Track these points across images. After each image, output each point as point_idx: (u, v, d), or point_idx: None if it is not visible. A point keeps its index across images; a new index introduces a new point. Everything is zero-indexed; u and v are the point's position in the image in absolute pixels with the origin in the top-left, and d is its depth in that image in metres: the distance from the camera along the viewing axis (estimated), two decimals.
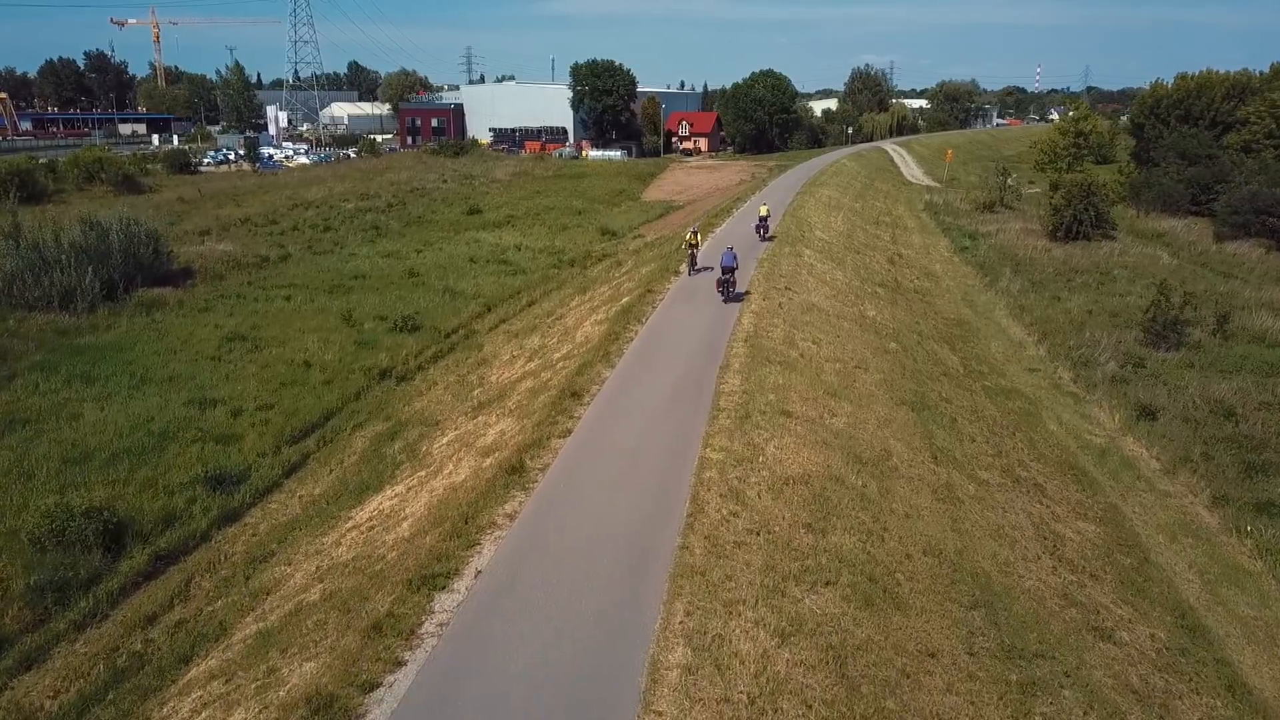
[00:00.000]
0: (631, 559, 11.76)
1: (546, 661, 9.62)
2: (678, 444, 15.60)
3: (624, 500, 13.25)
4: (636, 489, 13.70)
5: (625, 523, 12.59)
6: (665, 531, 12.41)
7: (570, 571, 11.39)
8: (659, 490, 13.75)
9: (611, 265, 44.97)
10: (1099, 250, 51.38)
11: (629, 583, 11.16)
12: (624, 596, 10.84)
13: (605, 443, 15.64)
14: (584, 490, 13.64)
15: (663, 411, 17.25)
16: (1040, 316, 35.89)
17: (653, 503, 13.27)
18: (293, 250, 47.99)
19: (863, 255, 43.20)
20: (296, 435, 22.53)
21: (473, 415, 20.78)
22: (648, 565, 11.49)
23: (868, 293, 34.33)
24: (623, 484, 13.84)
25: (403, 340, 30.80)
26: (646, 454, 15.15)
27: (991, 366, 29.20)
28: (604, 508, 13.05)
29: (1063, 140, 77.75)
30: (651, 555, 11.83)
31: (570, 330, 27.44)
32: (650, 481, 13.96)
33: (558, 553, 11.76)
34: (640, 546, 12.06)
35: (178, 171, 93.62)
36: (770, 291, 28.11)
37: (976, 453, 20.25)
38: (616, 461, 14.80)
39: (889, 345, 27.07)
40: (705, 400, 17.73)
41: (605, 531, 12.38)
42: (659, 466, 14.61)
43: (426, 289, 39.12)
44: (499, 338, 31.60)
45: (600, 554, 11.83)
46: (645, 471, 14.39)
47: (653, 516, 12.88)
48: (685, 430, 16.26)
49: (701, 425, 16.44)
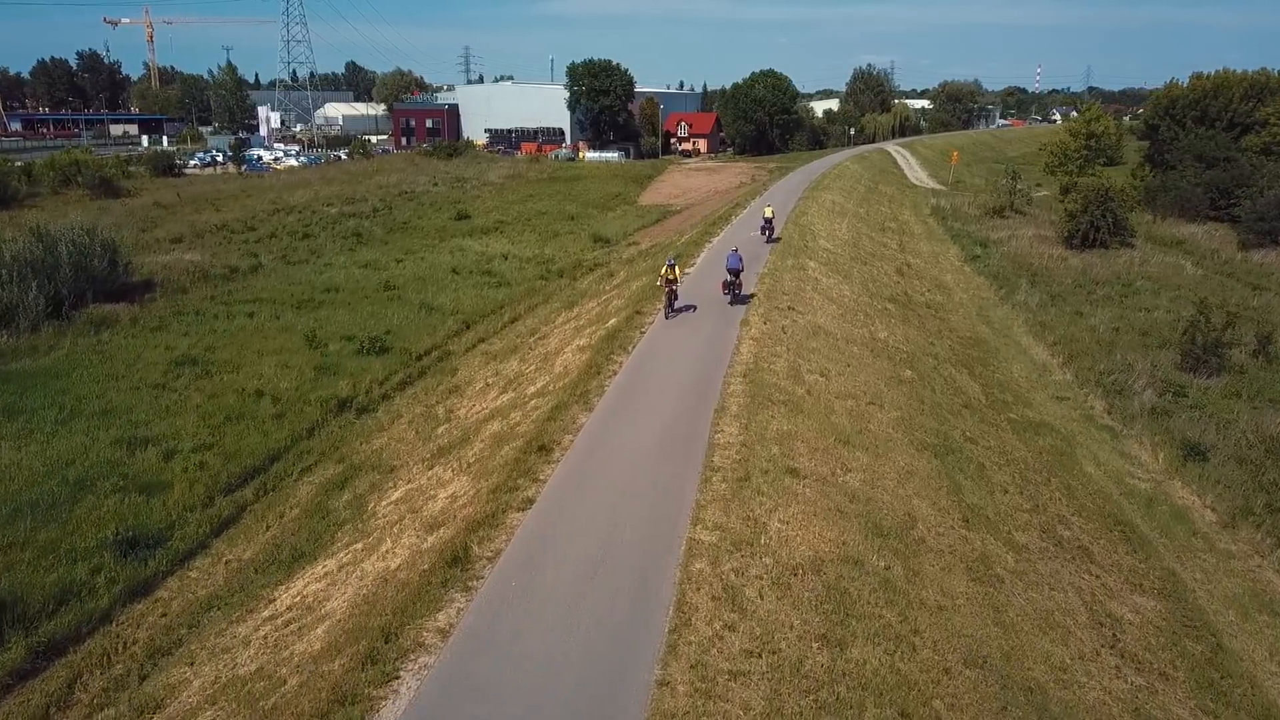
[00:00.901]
0: (594, 701, 9.05)
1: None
2: (662, 519, 12.87)
3: (590, 607, 10.53)
4: (607, 589, 10.98)
5: (589, 643, 9.87)
6: (640, 655, 9.69)
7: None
8: (636, 589, 11.03)
9: (603, 276, 42.25)
10: (1118, 259, 48.67)
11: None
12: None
13: (573, 519, 12.91)
14: (540, 592, 10.92)
15: (646, 472, 14.53)
16: (1064, 335, 33.15)
17: (627, 609, 10.55)
18: (265, 260, 45.30)
19: (870, 266, 40.50)
20: (234, 482, 19.82)
21: (429, 464, 18.08)
22: (614, 716, 8.77)
23: (877, 310, 31.62)
24: (590, 582, 11.12)
25: (369, 364, 28.09)
26: (622, 535, 12.42)
27: (1016, 395, 26.49)
28: (563, 618, 10.33)
29: (1074, 142, 74.92)
30: (622, 693, 9.12)
31: (550, 356, 24.74)
32: (625, 578, 11.24)
33: (496, 695, 9.04)
34: (607, 679, 9.34)
35: (161, 174, 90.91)
36: (772, 313, 25.40)
37: (1010, 507, 17.54)
38: (584, 546, 12.08)
39: (904, 373, 24.35)
40: (696, 456, 15.02)
41: (562, 656, 9.67)
42: (637, 555, 11.89)
43: (402, 304, 36.40)
44: (475, 361, 28.89)
45: (552, 692, 9.12)
46: (620, 562, 11.66)
47: (625, 630, 10.17)
48: (672, 499, 13.53)
49: (692, 491, 13.72)
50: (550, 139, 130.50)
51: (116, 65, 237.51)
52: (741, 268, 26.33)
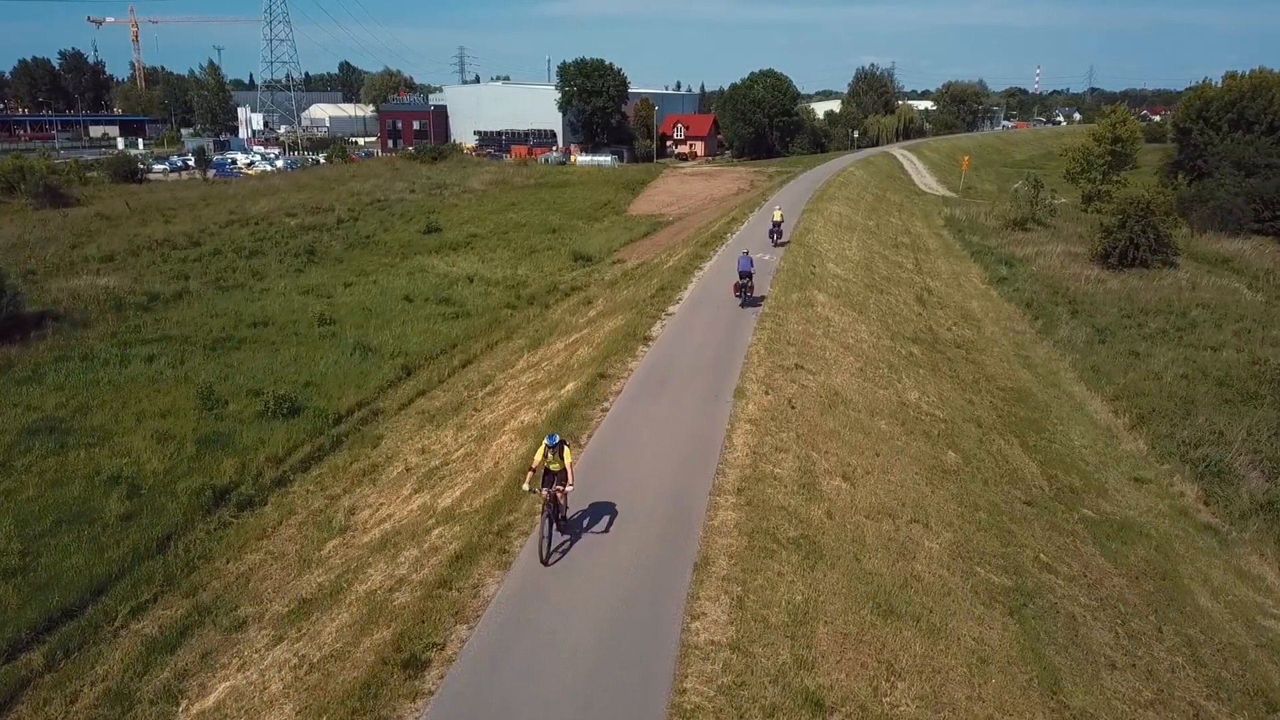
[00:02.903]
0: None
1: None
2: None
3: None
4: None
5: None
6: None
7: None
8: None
9: (579, 305, 36.72)
10: (1163, 281, 43.16)
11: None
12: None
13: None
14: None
15: (576, 711, 8.91)
16: (1125, 386, 27.60)
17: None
18: (195, 284, 39.68)
19: (887, 294, 34.93)
20: (25, 637, 14.22)
21: (282, 627, 12.47)
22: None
23: (901, 357, 26.06)
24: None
25: (271, 432, 22.49)
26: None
27: (1084, 476, 20.90)
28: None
29: (1097, 147, 69.37)
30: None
31: (489, 434, 19.15)
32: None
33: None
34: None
35: (122, 180, 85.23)
36: (775, 375, 19.81)
37: (1129, 699, 11.96)
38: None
39: (946, 456, 18.79)
40: (658, 689, 9.36)
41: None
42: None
43: (336, 342, 30.78)
44: (407, 425, 23.32)
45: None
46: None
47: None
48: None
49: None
50: (542, 141, 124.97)
51: (100, 65, 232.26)
52: (753, 270, 26.80)
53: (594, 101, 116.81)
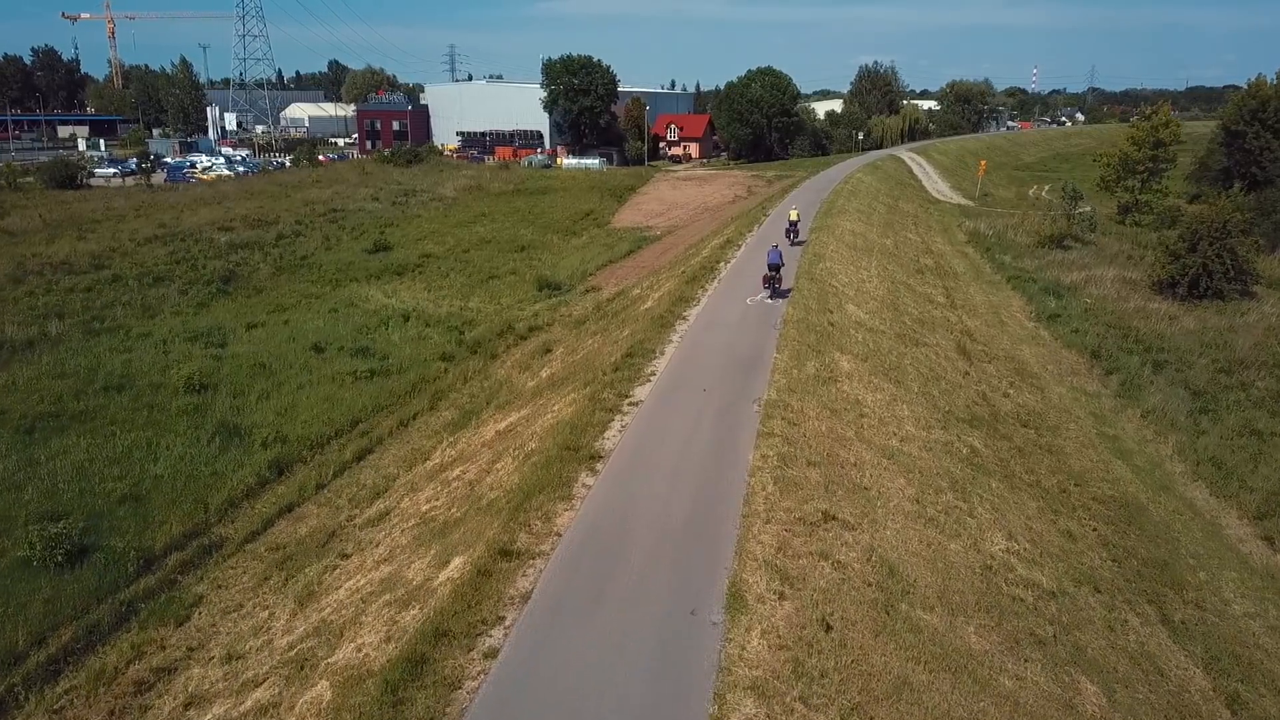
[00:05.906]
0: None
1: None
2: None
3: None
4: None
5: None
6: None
7: None
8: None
9: (534, 354, 29.20)
10: (1248, 318, 35.73)
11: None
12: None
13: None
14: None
15: None
16: (1268, 492, 20.05)
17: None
18: (60, 326, 31.97)
19: (923, 346, 27.34)
20: None
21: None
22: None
23: (962, 459, 18.45)
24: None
25: (35, 596, 14.84)
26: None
27: (1270, 680, 13.32)
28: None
29: (1136, 152, 61.84)
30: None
31: (351, 619, 11.53)
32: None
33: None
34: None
35: (59, 186, 77.51)
36: (792, 545, 12.16)
37: None
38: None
39: (1081, 687, 11.20)
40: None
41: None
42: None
43: (198, 418, 23.12)
44: (241, 576, 15.71)
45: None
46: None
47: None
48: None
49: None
50: (527, 143, 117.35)
51: (75, 63, 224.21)
52: (783, 263, 27.53)
53: (581, 101, 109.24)
